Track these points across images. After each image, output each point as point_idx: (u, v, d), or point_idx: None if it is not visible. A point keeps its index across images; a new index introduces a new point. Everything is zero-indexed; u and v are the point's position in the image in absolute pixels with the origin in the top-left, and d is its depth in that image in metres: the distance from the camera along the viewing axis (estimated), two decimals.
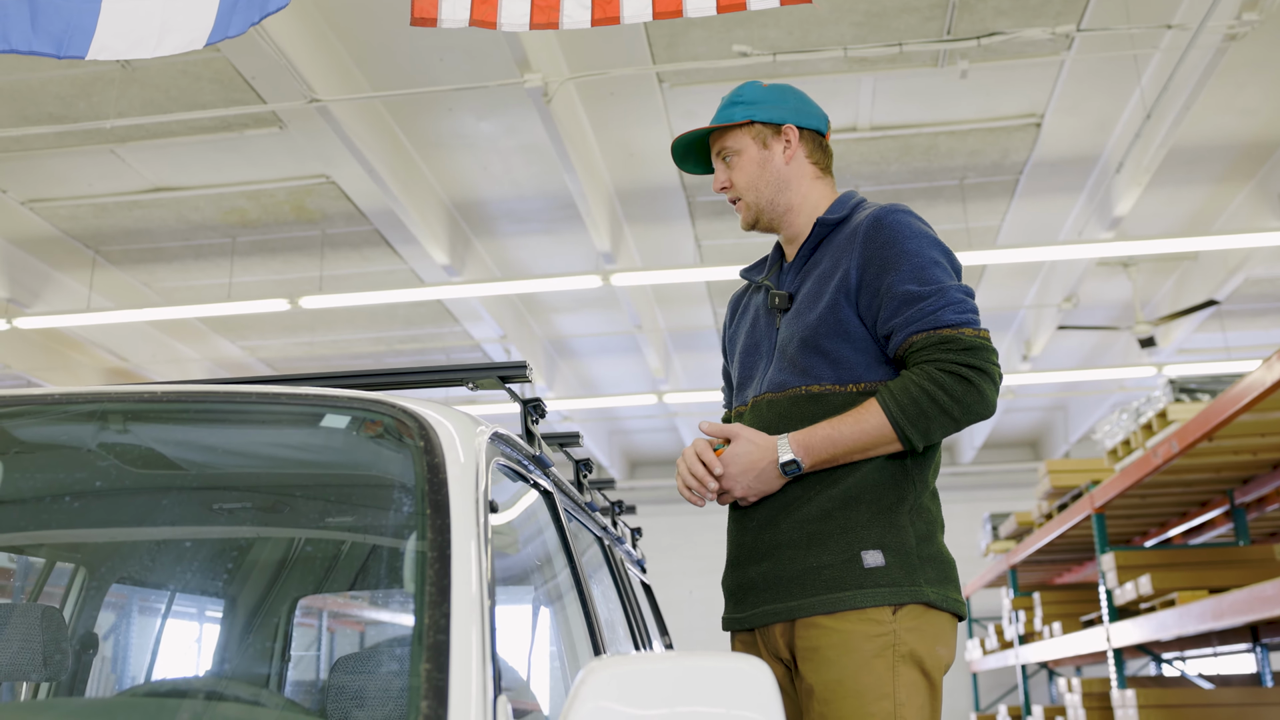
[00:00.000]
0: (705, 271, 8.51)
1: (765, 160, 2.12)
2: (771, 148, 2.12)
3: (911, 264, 1.94)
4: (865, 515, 1.93)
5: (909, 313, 1.92)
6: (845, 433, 1.91)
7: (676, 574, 14.44)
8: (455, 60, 6.69)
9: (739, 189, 2.13)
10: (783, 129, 2.12)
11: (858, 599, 1.87)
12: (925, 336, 1.90)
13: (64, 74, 6.65)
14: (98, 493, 1.76)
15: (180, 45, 3.53)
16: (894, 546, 1.92)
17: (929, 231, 2.01)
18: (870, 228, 1.99)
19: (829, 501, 1.94)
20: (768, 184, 2.12)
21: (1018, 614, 9.22)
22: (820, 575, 1.91)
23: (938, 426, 1.90)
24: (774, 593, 1.95)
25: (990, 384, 1.90)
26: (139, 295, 10.09)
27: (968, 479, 15.88)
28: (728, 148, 2.14)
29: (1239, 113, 7.45)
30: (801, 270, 2.10)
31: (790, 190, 2.13)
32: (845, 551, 1.91)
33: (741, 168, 2.12)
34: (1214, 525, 6.79)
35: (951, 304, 1.92)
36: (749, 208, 2.14)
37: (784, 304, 2.08)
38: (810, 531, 1.94)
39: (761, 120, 2.11)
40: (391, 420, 1.57)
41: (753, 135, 2.12)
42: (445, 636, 1.20)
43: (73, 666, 2.09)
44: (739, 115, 2.12)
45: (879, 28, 6.42)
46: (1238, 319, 11.21)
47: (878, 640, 1.85)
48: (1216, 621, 4.70)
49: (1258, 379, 3.99)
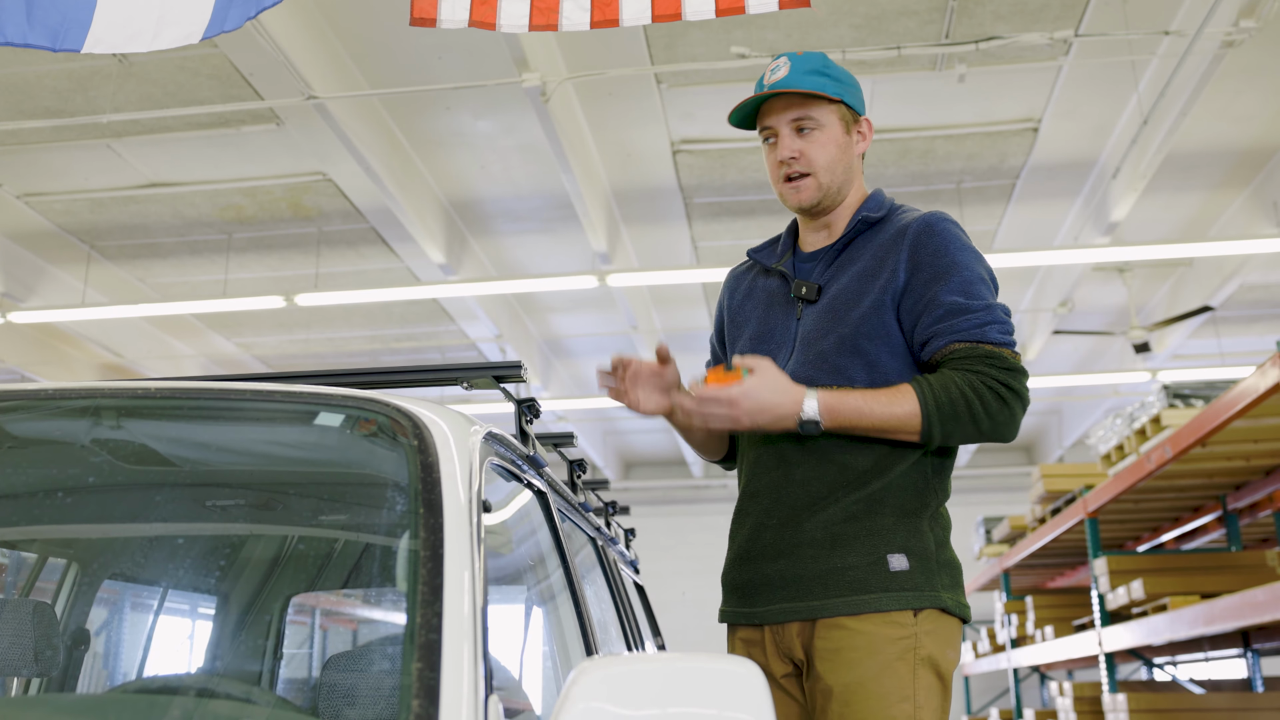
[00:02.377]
0: (701, 273, 8.52)
1: (847, 145, 2.07)
2: (852, 135, 2.08)
3: (961, 276, 1.93)
4: (890, 519, 1.93)
5: (955, 321, 1.91)
6: (876, 410, 1.88)
7: (670, 575, 14.45)
8: (453, 59, 6.69)
9: (814, 164, 2.04)
10: (861, 120, 2.10)
11: (883, 601, 1.87)
12: (969, 347, 1.90)
13: (61, 68, 6.64)
14: (91, 489, 1.76)
15: (176, 39, 3.53)
16: (917, 551, 1.92)
17: (974, 247, 2.00)
18: (922, 233, 1.97)
19: (855, 504, 1.93)
20: (844, 169, 2.07)
21: (1010, 617, 9.23)
22: (845, 576, 1.90)
23: (962, 432, 1.90)
24: (793, 591, 1.93)
25: (1021, 409, 1.91)
26: (134, 291, 10.07)
27: (962, 482, 15.87)
28: (812, 118, 2.03)
29: (1235, 119, 7.47)
30: (835, 263, 2.05)
31: (853, 182, 2.10)
32: (871, 554, 1.90)
33: (822, 144, 2.04)
34: (1206, 531, 6.80)
35: (997, 322, 1.92)
36: (820, 187, 2.05)
37: (811, 295, 2.03)
38: (835, 532, 1.92)
39: (849, 104, 2.06)
40: (385, 419, 1.57)
41: (839, 115, 2.06)
42: (437, 636, 1.20)
43: (64, 662, 2.09)
44: (832, 89, 2.03)
45: (877, 31, 6.43)
46: (1232, 325, 11.24)
47: (900, 643, 1.86)
48: (1208, 627, 4.71)
49: (1251, 385, 3.99)
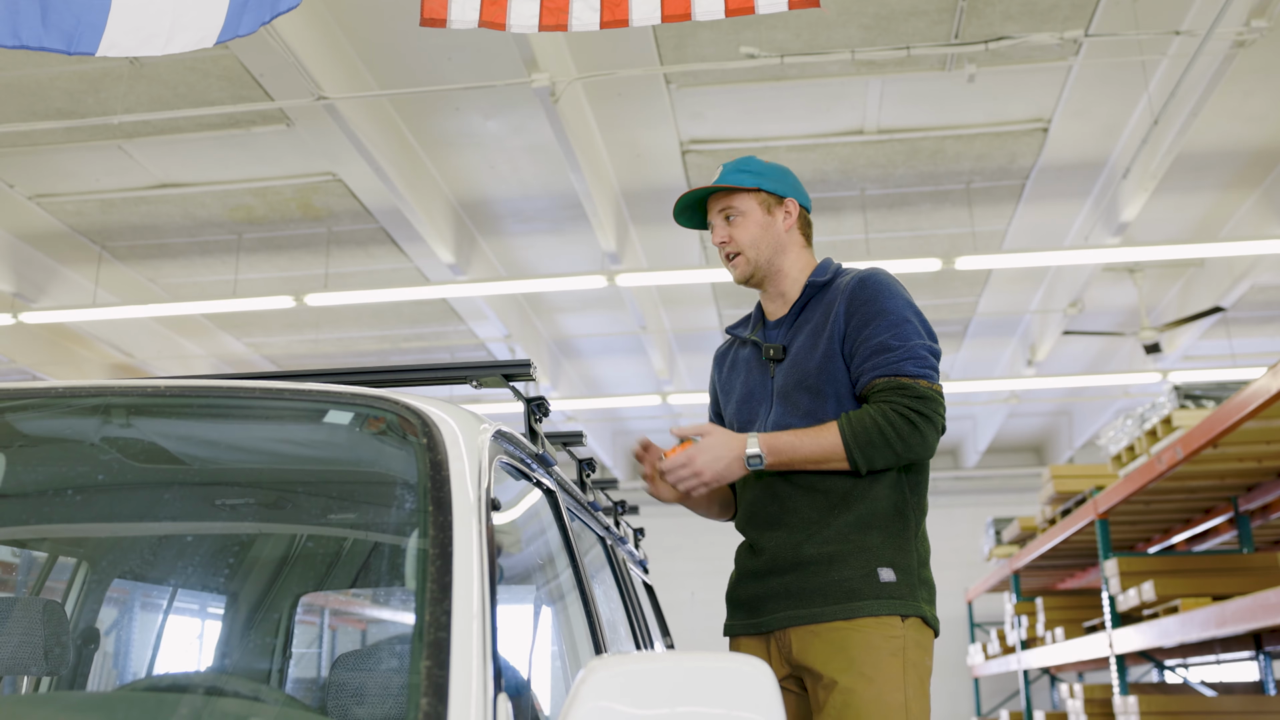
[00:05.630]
0: (710, 273, 8.50)
1: (769, 224, 2.39)
2: (775, 215, 2.40)
3: (888, 320, 2.23)
4: (879, 538, 2.21)
5: (877, 360, 2.21)
6: (805, 444, 2.19)
7: (680, 575, 14.44)
8: (463, 59, 6.69)
9: (740, 245, 2.39)
10: (785, 201, 2.41)
11: (874, 608, 2.15)
12: (886, 381, 2.20)
13: (73, 70, 6.66)
14: (100, 487, 1.76)
15: (190, 43, 3.54)
16: (902, 566, 2.20)
17: (905, 295, 2.30)
18: (856, 286, 2.28)
19: (846, 526, 2.21)
20: (768, 244, 2.39)
21: (1020, 619, 9.21)
22: (841, 587, 2.17)
23: (880, 456, 2.17)
24: (797, 600, 2.21)
25: (933, 430, 2.18)
26: (145, 291, 10.10)
27: (971, 483, 15.86)
28: (734, 207, 2.39)
29: (1246, 119, 7.44)
30: (793, 325, 2.38)
31: (785, 254, 2.41)
32: (864, 568, 2.18)
33: (745, 227, 2.38)
34: (1218, 532, 6.77)
35: (914, 358, 2.21)
36: (748, 263, 2.40)
37: (779, 355, 2.36)
38: (831, 551, 2.20)
39: (768, 190, 2.39)
40: (394, 417, 1.56)
41: (758, 201, 2.39)
42: (446, 634, 1.19)
43: (74, 661, 2.09)
44: (749, 181, 2.38)
45: (887, 31, 6.42)
46: (1243, 326, 11.19)
47: (892, 642, 2.13)
48: (1219, 629, 4.69)
49: (1263, 386, 3.98)
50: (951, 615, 13.90)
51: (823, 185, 8.32)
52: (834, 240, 9.06)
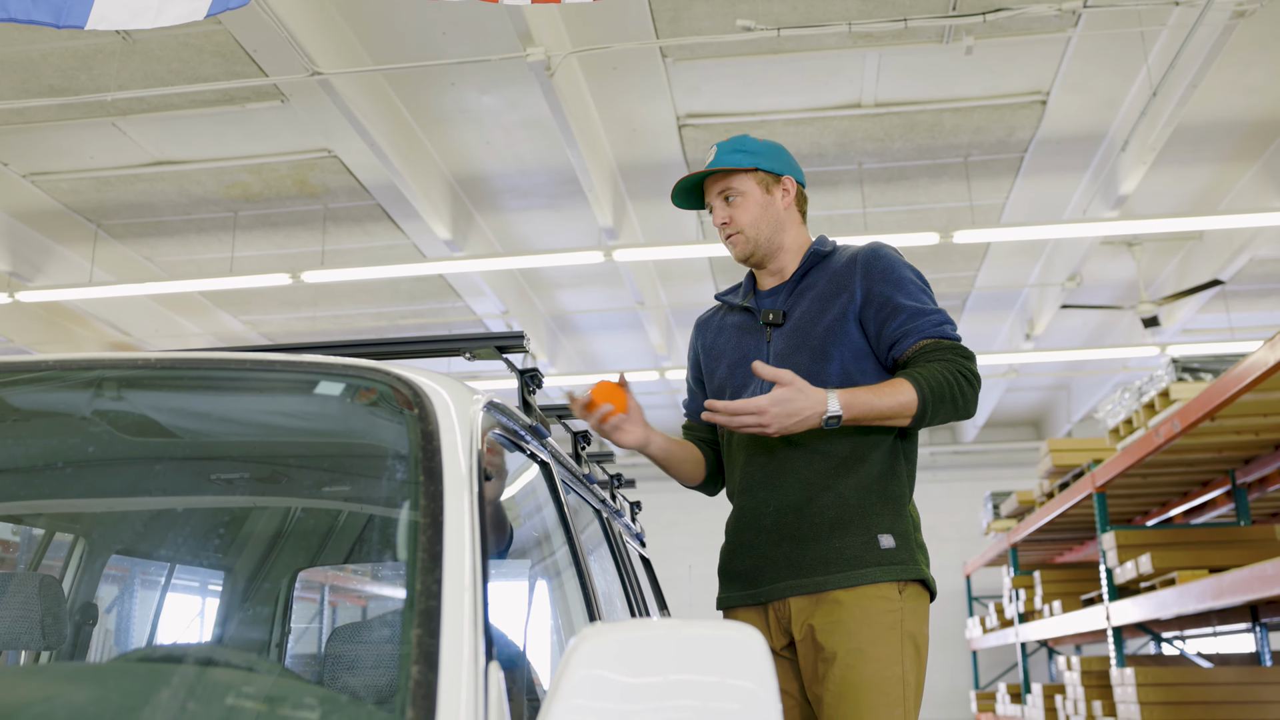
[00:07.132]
0: (707, 248, 8.48)
1: (768, 203, 2.42)
2: (773, 193, 2.43)
3: (911, 288, 2.32)
4: (878, 504, 2.26)
5: (919, 322, 2.27)
6: (883, 401, 2.18)
7: (677, 550, 14.47)
8: (458, 34, 6.65)
9: (740, 225, 2.41)
10: (782, 179, 2.44)
11: (875, 574, 2.20)
12: (934, 343, 2.26)
13: (65, 46, 6.62)
14: (90, 460, 1.76)
15: (180, 16, 3.51)
16: (900, 531, 2.25)
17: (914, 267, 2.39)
18: (871, 257, 2.35)
19: (847, 490, 2.25)
20: (768, 223, 2.43)
21: (1018, 592, 9.24)
22: (843, 555, 2.21)
23: (944, 413, 2.21)
24: (797, 569, 2.24)
25: (977, 392, 2.25)
26: (141, 269, 10.08)
27: (970, 457, 15.89)
28: (732, 188, 2.42)
29: (1246, 91, 7.40)
30: (794, 292, 2.42)
31: (785, 231, 2.45)
32: (864, 534, 2.23)
33: (745, 207, 2.41)
34: (1215, 505, 6.78)
35: (950, 322, 2.31)
36: (748, 241, 2.43)
37: (778, 320, 2.40)
38: (832, 518, 2.24)
39: (765, 169, 2.42)
40: (386, 387, 1.56)
41: (756, 180, 2.42)
42: (437, 603, 1.19)
43: (71, 635, 2.09)
44: (746, 161, 2.41)
45: (884, 3, 6.37)
46: (1242, 299, 11.18)
47: (889, 616, 2.18)
48: (1216, 601, 4.70)
49: (1260, 359, 3.97)
50: (950, 589, 13.95)
51: (820, 159, 8.28)
52: (831, 214, 9.04)
